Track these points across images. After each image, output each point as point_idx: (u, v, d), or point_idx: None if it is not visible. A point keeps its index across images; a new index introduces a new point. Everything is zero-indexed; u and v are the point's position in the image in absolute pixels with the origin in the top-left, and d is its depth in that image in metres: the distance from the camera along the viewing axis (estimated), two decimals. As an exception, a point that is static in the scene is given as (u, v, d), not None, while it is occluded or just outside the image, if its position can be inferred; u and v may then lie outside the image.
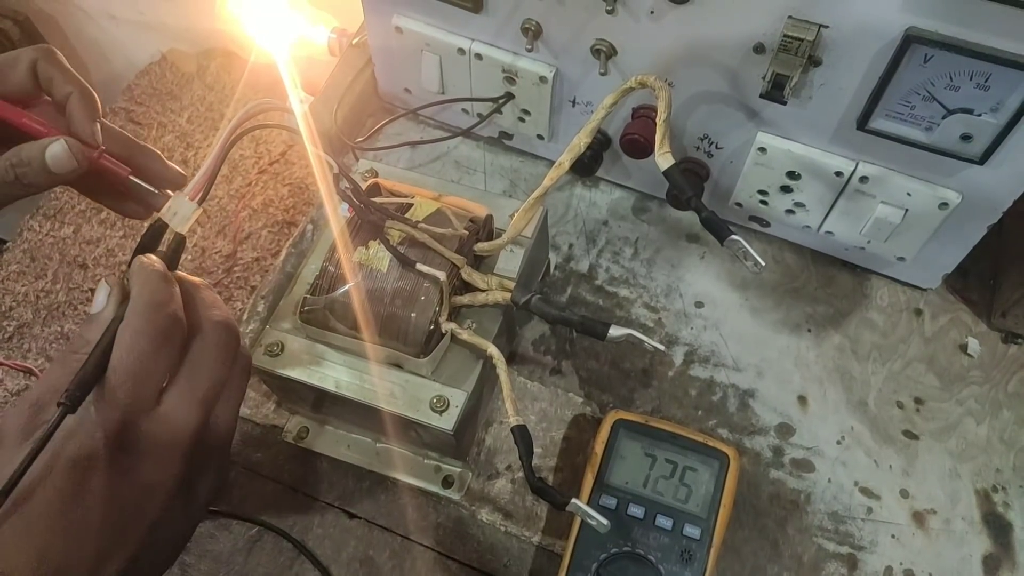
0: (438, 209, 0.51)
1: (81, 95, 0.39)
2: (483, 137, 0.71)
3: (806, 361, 0.60)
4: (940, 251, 0.59)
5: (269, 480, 0.56)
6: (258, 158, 1.02)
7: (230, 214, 0.94)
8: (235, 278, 0.95)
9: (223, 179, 1.01)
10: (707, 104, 0.57)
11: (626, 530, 0.49)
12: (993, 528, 0.54)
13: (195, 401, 0.35)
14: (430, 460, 0.55)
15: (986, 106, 0.47)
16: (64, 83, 0.39)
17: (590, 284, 0.64)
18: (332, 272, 0.49)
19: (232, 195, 0.99)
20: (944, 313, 0.63)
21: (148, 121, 1.14)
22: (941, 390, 0.59)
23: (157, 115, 1.16)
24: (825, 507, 0.55)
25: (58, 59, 0.39)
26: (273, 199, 0.98)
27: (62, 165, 0.38)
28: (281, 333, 0.51)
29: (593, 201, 0.68)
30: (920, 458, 0.57)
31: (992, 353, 0.61)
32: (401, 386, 0.49)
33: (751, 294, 0.63)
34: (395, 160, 0.70)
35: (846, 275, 0.64)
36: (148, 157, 0.43)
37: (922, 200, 0.55)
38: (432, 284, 0.48)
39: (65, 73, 0.39)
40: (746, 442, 0.57)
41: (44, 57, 0.38)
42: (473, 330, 0.50)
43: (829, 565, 0.53)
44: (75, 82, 0.39)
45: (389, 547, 0.54)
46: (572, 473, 0.56)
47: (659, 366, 0.60)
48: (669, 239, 0.66)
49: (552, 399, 0.59)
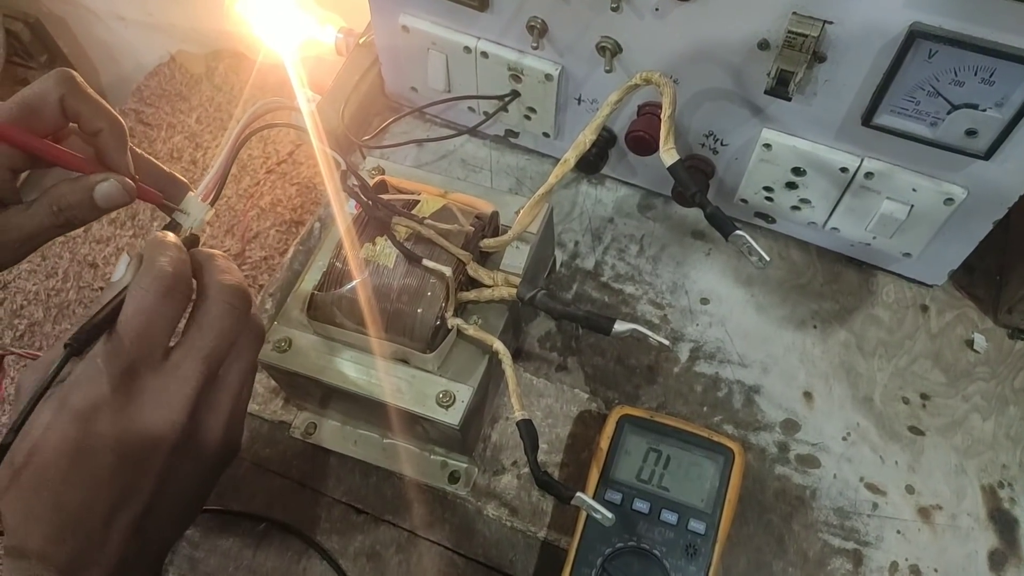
0: (444, 206, 0.51)
1: (112, 128, 0.40)
2: (489, 135, 0.71)
3: (812, 357, 0.60)
4: (946, 247, 0.59)
5: (277, 476, 0.57)
6: (266, 158, 1.03)
7: (239, 214, 0.95)
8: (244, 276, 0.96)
9: (232, 179, 1.01)
10: (712, 101, 0.57)
11: (631, 525, 0.49)
12: (999, 524, 0.54)
13: (200, 357, 0.35)
14: (436, 456, 0.55)
15: (991, 101, 0.47)
16: (93, 116, 0.39)
17: (596, 281, 0.64)
18: (339, 268, 0.49)
19: (241, 195, 1.00)
20: (950, 309, 0.63)
21: (157, 122, 1.15)
22: (947, 386, 0.59)
23: (166, 116, 1.16)
24: (831, 503, 0.55)
25: (84, 90, 0.39)
26: (281, 199, 0.99)
27: (114, 202, 0.39)
28: (289, 329, 0.51)
29: (599, 199, 0.68)
30: (926, 454, 0.57)
31: (998, 349, 0.61)
32: (407, 381, 0.49)
33: (757, 290, 0.64)
34: (402, 158, 0.71)
35: (852, 271, 0.64)
36: (172, 183, 0.44)
37: (927, 196, 0.55)
38: (438, 280, 0.48)
39: (92, 105, 0.39)
40: (751, 438, 0.57)
41: (71, 92, 0.38)
42: (479, 326, 0.50)
43: (834, 561, 0.53)
44: (104, 114, 0.39)
45: (396, 542, 0.54)
46: (578, 469, 0.56)
47: (664, 362, 0.60)
48: (675, 236, 0.66)
49: (558, 395, 0.59)
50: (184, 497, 0.38)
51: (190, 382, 0.35)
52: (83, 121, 0.39)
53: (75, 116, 0.39)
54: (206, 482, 0.39)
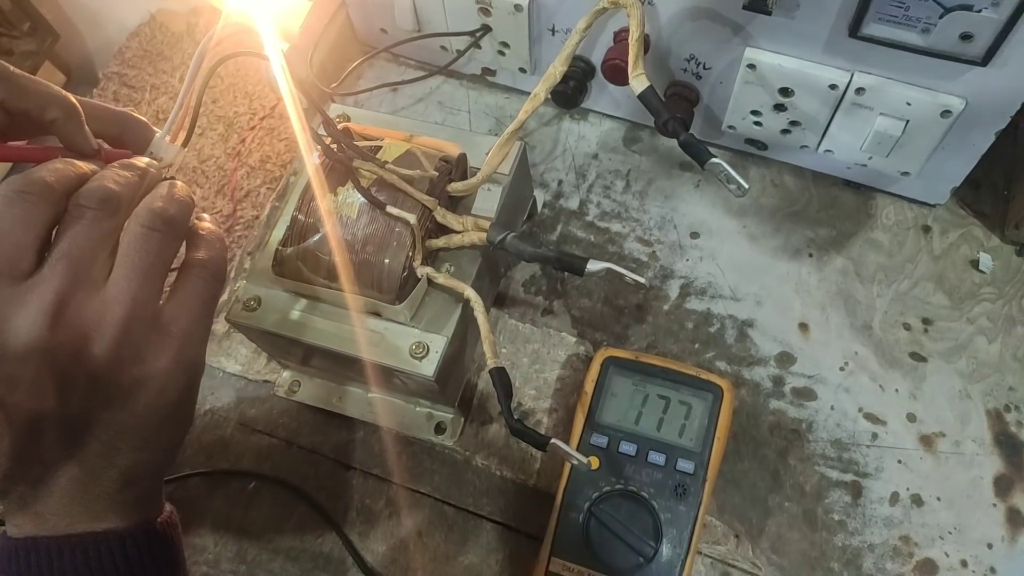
0: (408, 150, 0.49)
1: (64, 113, 0.37)
2: (466, 75, 0.69)
3: (807, 287, 0.58)
4: (947, 163, 0.56)
5: (264, 435, 0.56)
6: (252, 114, 1.00)
7: (227, 173, 0.93)
8: (237, 237, 0.94)
9: (219, 138, 0.99)
10: (691, 21, 0.54)
11: (618, 468, 0.48)
12: (1005, 448, 0.52)
13: (55, 260, 0.33)
14: (422, 408, 0.54)
15: (986, 0, 0.44)
16: (41, 110, 0.37)
17: (581, 220, 0.62)
18: (302, 221, 0.47)
19: (229, 153, 0.98)
20: (954, 229, 0.59)
21: (141, 84, 1.13)
22: (951, 309, 0.57)
23: (150, 77, 1.14)
24: (828, 435, 0.53)
25: (22, 85, 0.36)
26: (270, 155, 0.97)
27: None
28: (258, 288, 0.50)
29: (582, 134, 0.66)
30: (928, 380, 0.54)
31: (1006, 267, 0.58)
32: (380, 334, 0.48)
33: (749, 221, 0.61)
34: (377, 105, 0.68)
35: (849, 195, 0.61)
36: (135, 126, 0.42)
37: (923, 109, 0.51)
38: (403, 228, 0.46)
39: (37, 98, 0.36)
40: (745, 373, 0.55)
41: (8, 93, 0.36)
42: (451, 273, 0.49)
43: (832, 493, 0.51)
44: (52, 102, 0.37)
45: (385, 495, 0.54)
46: (567, 414, 0.55)
47: (654, 301, 0.58)
48: (662, 169, 0.64)
49: (544, 340, 0.57)
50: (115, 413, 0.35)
51: (48, 287, 0.33)
52: (32, 115, 0.37)
53: (21, 113, 0.37)
54: (163, 420, 0.37)
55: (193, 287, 0.38)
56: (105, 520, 0.36)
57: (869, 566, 0.49)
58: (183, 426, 0.39)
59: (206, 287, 0.38)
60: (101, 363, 0.34)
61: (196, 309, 0.38)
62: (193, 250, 0.39)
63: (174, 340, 0.36)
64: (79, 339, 0.33)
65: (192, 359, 0.38)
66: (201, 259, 0.38)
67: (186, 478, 0.55)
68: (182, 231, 0.37)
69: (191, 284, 0.38)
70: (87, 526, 0.36)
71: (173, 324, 0.36)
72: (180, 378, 0.37)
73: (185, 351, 0.37)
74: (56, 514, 0.35)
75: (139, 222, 0.35)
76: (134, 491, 0.37)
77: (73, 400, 0.34)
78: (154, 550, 0.38)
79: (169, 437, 0.39)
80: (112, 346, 0.34)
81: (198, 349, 0.38)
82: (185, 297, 0.37)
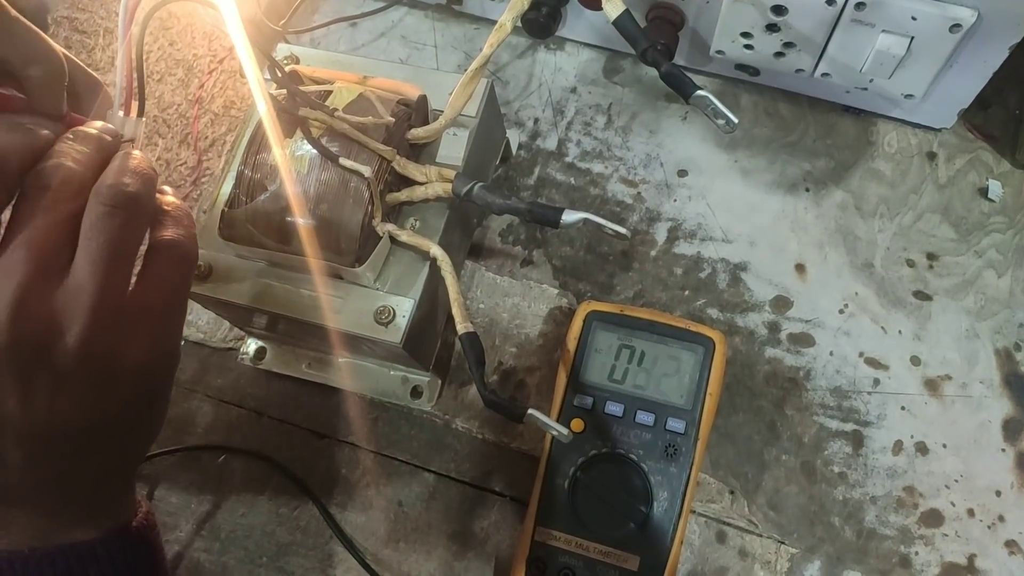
0: (360, 94, 0.44)
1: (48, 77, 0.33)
2: (431, 4, 0.63)
3: (804, 224, 0.54)
4: (955, 83, 0.51)
5: (232, 406, 0.53)
6: (212, 56, 0.94)
7: (190, 121, 0.87)
8: (204, 190, 0.89)
9: (179, 83, 0.93)
10: (671, -66, 0.48)
11: (605, 429, 0.45)
12: (1015, 389, 0.49)
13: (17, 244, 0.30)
14: (396, 372, 0.51)
15: None
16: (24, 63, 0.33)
17: (560, 162, 0.57)
18: (249, 177, 0.43)
19: (190, 100, 0.92)
20: (961, 154, 0.55)
21: (93, 28, 1.05)
22: (957, 242, 0.53)
23: (102, 20, 1.06)
24: (827, 383, 0.50)
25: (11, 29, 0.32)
26: (234, 100, 0.91)
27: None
28: (209, 253, 0.46)
29: (559, 67, 0.60)
30: (933, 320, 0.51)
31: (1017, 195, 0.54)
32: (342, 298, 0.44)
33: (741, 154, 0.56)
34: (335, 42, 0.63)
35: (848, 122, 0.57)
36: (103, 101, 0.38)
37: (930, 23, 0.46)
38: (359, 181, 0.42)
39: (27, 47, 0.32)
40: (738, 320, 0.52)
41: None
42: (416, 229, 0.45)
43: (832, 444, 0.49)
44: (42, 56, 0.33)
45: (361, 464, 0.51)
46: (551, 371, 0.51)
47: (640, 246, 0.54)
48: (646, 101, 0.59)
49: (524, 293, 0.54)
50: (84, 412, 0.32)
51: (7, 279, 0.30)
52: (7, 65, 0.32)
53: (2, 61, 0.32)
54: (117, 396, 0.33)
55: (162, 270, 0.34)
56: (76, 530, 0.34)
57: (871, 519, 0.47)
58: (158, 421, 0.36)
59: (176, 269, 0.35)
60: (68, 359, 0.31)
61: (167, 295, 0.34)
62: (159, 229, 0.35)
63: (146, 330, 0.33)
64: (43, 334, 0.30)
65: (166, 349, 0.35)
66: (169, 239, 0.34)
67: (152, 457, 0.52)
68: (148, 207, 0.33)
69: (159, 267, 0.34)
70: (57, 538, 0.33)
71: (144, 313, 0.33)
72: (155, 371, 0.34)
73: (159, 342, 0.34)
74: (23, 526, 0.33)
75: (100, 200, 0.31)
76: (105, 494, 0.35)
77: (37, 401, 0.30)
78: (129, 558, 0.35)
79: (143, 433, 0.36)
80: (80, 339, 0.31)
81: (173, 339, 0.35)
82: (154, 282, 0.34)
